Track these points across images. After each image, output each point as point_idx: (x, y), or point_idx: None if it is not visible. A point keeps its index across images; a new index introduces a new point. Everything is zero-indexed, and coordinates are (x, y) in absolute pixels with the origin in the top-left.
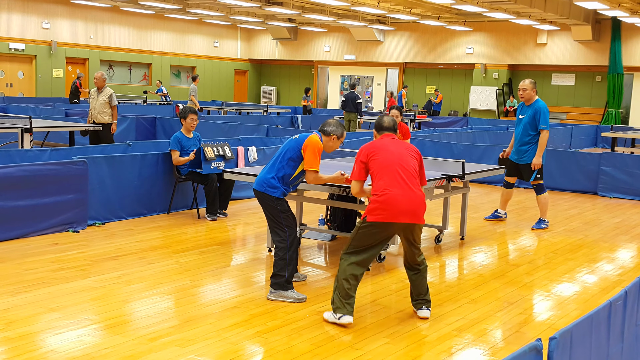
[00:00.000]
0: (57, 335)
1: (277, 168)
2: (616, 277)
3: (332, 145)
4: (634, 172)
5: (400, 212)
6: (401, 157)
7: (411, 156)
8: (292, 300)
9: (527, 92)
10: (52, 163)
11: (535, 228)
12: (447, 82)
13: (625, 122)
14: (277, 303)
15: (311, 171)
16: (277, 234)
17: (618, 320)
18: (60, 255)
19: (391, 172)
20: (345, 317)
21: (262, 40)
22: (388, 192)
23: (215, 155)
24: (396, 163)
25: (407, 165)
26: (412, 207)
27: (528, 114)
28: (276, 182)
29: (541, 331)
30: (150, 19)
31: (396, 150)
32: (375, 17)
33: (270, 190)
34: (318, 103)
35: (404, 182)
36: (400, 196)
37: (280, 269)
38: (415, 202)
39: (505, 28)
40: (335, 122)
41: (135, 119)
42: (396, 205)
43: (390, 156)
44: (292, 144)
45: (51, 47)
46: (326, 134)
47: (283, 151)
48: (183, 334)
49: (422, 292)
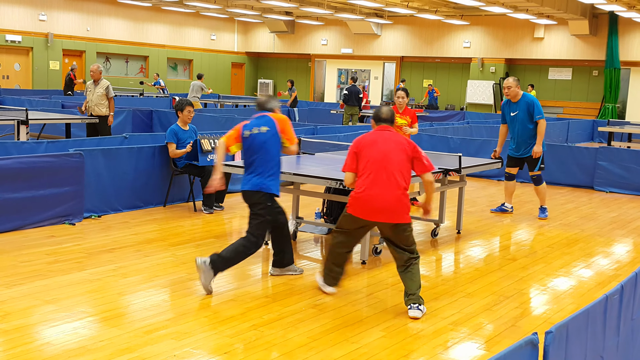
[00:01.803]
0: (52, 327)
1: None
2: (612, 272)
3: None
4: (630, 166)
5: (373, 212)
6: (387, 155)
7: (400, 152)
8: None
9: (512, 89)
10: (48, 155)
11: (542, 217)
12: (444, 76)
13: (622, 117)
14: (273, 296)
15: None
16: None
17: (614, 314)
18: (56, 248)
19: (373, 171)
20: (328, 287)
21: (259, 33)
22: (365, 191)
23: (212, 147)
24: (380, 162)
25: (392, 164)
26: (386, 207)
27: (521, 110)
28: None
29: (537, 325)
30: (147, 11)
31: (384, 147)
32: (372, 10)
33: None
34: (315, 96)
35: (383, 182)
36: (377, 196)
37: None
38: (390, 202)
39: (503, 22)
40: (267, 97)
41: (132, 112)
42: (371, 205)
43: (377, 154)
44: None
45: (48, 39)
46: (272, 111)
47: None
48: (179, 326)
49: (410, 290)
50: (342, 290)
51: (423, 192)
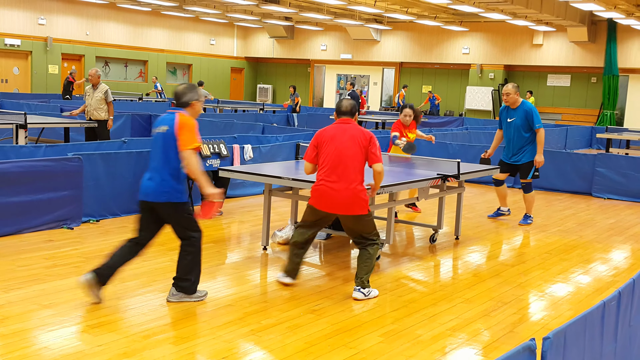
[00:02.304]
0: (50, 332)
1: (167, 166)
2: (610, 278)
3: (198, 110)
4: (628, 173)
5: (331, 204)
6: (343, 150)
7: (355, 146)
8: (196, 299)
9: (511, 96)
10: (47, 159)
11: (522, 223)
12: (443, 82)
13: (620, 124)
14: (271, 301)
15: (190, 150)
16: (186, 240)
17: (611, 320)
18: (54, 252)
19: (330, 165)
20: (286, 278)
21: (259, 39)
22: (323, 184)
23: (211, 152)
24: (337, 156)
25: (347, 158)
26: (342, 200)
27: (519, 117)
28: (178, 183)
29: (535, 331)
30: (147, 15)
31: (341, 141)
32: (371, 16)
33: (177, 196)
34: (314, 102)
35: (339, 176)
36: (333, 189)
37: (188, 272)
38: (346, 195)
39: (502, 29)
40: (184, 88)
41: (131, 116)
42: (327, 197)
43: (334, 150)
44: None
45: (47, 43)
46: (186, 105)
47: (160, 146)
48: (177, 331)
49: (358, 274)
50: (340, 295)
51: (422, 197)
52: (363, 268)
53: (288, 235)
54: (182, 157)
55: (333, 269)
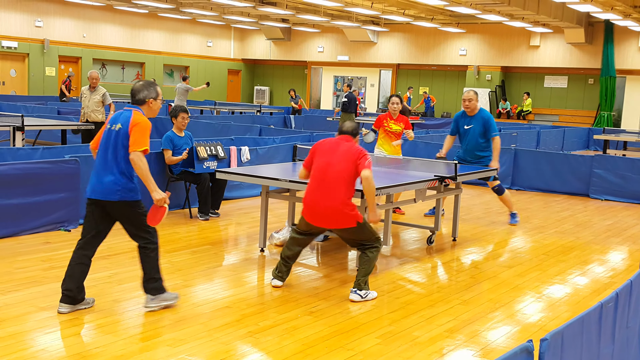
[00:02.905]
0: (47, 334)
1: (118, 164)
2: (607, 279)
3: (155, 109)
4: (625, 174)
5: (317, 217)
6: (332, 165)
7: (346, 161)
8: (173, 301)
9: (472, 102)
10: (44, 161)
11: (513, 223)
12: (440, 83)
13: (617, 125)
14: (269, 303)
15: (139, 152)
16: (143, 238)
17: (609, 322)
18: (51, 254)
19: (318, 179)
20: (275, 280)
21: (256, 40)
22: (309, 197)
23: (208, 154)
24: (324, 171)
25: (334, 173)
26: (328, 215)
27: (477, 124)
28: (131, 182)
29: (532, 332)
30: (144, 18)
31: (332, 157)
32: (368, 18)
33: (131, 195)
34: (311, 103)
35: (322, 192)
36: (318, 203)
37: (155, 271)
38: (330, 210)
39: (499, 30)
40: (140, 85)
41: None
42: (313, 212)
43: (324, 164)
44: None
45: (44, 45)
46: (142, 103)
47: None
48: (174, 333)
49: (357, 276)
50: (338, 297)
51: (419, 199)
52: (361, 270)
53: (285, 237)
54: (130, 158)
55: (330, 271)
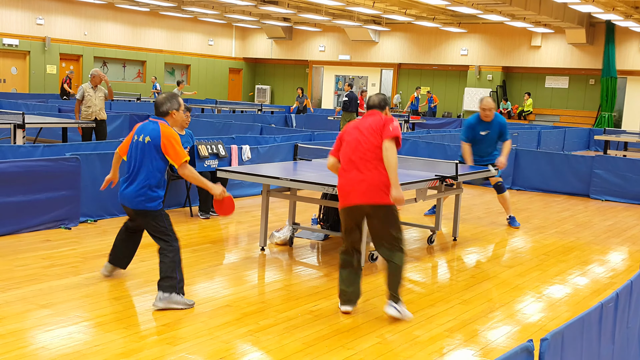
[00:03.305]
0: (47, 332)
1: (145, 176)
2: (607, 280)
3: (178, 119)
4: (626, 175)
5: (350, 196)
6: (360, 138)
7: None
8: (183, 306)
9: (492, 110)
10: (44, 159)
11: (516, 226)
12: (442, 83)
13: (618, 126)
14: (269, 302)
15: (184, 163)
16: (163, 240)
17: (609, 322)
18: (51, 252)
19: (348, 156)
20: (343, 306)
21: (257, 39)
22: (341, 177)
23: (209, 153)
24: (354, 146)
25: (363, 145)
26: (359, 189)
27: (493, 130)
28: (152, 192)
29: (532, 332)
30: (145, 16)
31: (360, 132)
32: (370, 17)
33: (153, 205)
34: (312, 103)
35: (354, 165)
36: (349, 181)
37: (171, 271)
38: (362, 184)
39: (500, 30)
40: (163, 98)
41: (129, 116)
42: (346, 190)
43: (352, 139)
44: (151, 145)
45: (45, 43)
46: (165, 115)
47: (138, 155)
48: (174, 331)
49: (389, 286)
50: None
51: (420, 198)
52: (394, 281)
53: (286, 236)
54: (182, 173)
55: (331, 270)
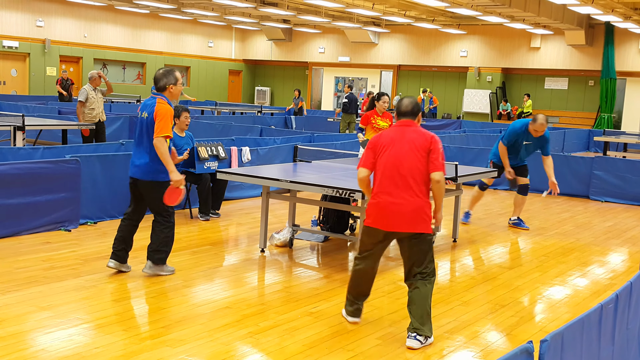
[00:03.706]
0: (47, 334)
1: (147, 148)
2: (607, 281)
3: (176, 93)
4: (625, 176)
5: (389, 221)
6: (401, 157)
7: (415, 152)
8: (168, 273)
9: (544, 127)
10: (44, 161)
11: (525, 228)
12: (441, 84)
13: (618, 127)
14: (269, 303)
15: (161, 137)
16: (162, 215)
17: (609, 323)
18: (51, 254)
19: (388, 175)
20: (351, 317)
21: (257, 41)
22: (379, 198)
23: (209, 155)
24: (394, 165)
25: (406, 166)
26: (402, 216)
27: (536, 143)
28: (157, 163)
29: (532, 334)
30: (145, 18)
31: (400, 148)
32: (369, 19)
33: (158, 176)
34: (312, 104)
35: (397, 187)
36: (391, 204)
37: (164, 245)
38: (406, 210)
39: (499, 32)
40: (160, 74)
41: (129, 118)
42: (385, 213)
43: (391, 157)
44: (148, 120)
45: (45, 45)
46: (163, 90)
47: (143, 130)
48: (174, 334)
49: (413, 316)
50: (338, 298)
51: None
52: (418, 310)
53: (286, 237)
54: (154, 143)
55: (331, 272)
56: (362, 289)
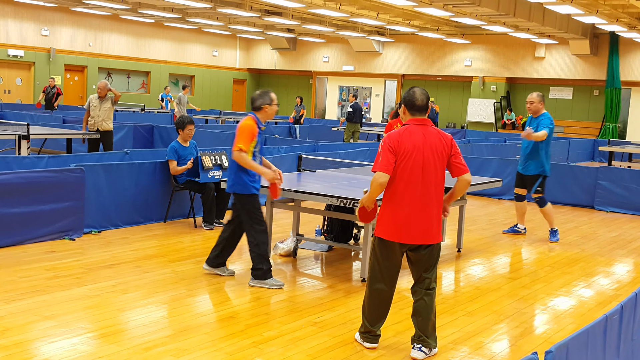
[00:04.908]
0: (51, 343)
1: (232, 162)
2: (612, 292)
3: (271, 113)
4: (630, 186)
5: (406, 233)
6: (427, 167)
7: (437, 159)
8: (271, 287)
9: (534, 104)
10: (49, 170)
11: (553, 240)
12: (445, 94)
13: (623, 137)
14: (273, 313)
15: (237, 150)
16: (249, 226)
17: (614, 334)
18: (55, 263)
19: (411, 184)
20: (368, 344)
21: (261, 50)
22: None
23: (213, 164)
24: (418, 174)
25: (429, 175)
26: (419, 228)
27: (534, 127)
28: (240, 177)
29: (537, 345)
30: (150, 27)
31: (425, 156)
32: (374, 28)
33: (241, 189)
34: (316, 113)
35: (418, 198)
36: (410, 215)
37: (258, 262)
38: (423, 221)
39: (504, 41)
40: (258, 93)
41: (133, 127)
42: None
43: (416, 165)
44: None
45: (50, 54)
46: (258, 109)
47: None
48: (178, 343)
49: (420, 327)
50: (342, 307)
51: None
52: (423, 321)
53: (290, 247)
54: (233, 157)
55: (334, 281)
56: (382, 310)
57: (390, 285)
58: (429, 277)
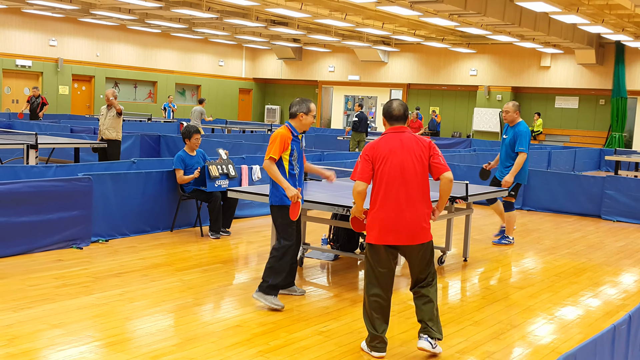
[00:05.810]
0: (59, 352)
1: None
2: (620, 301)
3: (306, 123)
4: (637, 195)
5: (393, 235)
6: (404, 168)
7: (416, 161)
8: (270, 304)
9: (509, 114)
10: (57, 179)
11: (496, 242)
12: (451, 103)
13: (629, 146)
14: (279, 322)
15: (268, 159)
16: (277, 239)
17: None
18: (63, 272)
19: (391, 187)
20: (375, 352)
21: (267, 60)
22: (382, 212)
23: (219, 173)
24: (396, 176)
25: (409, 177)
26: (405, 229)
27: (510, 136)
28: (274, 188)
29: (544, 355)
30: (156, 37)
31: (403, 158)
32: (379, 38)
33: (273, 200)
34: (322, 123)
35: (401, 200)
36: (395, 217)
37: (267, 275)
38: (408, 223)
39: (509, 51)
40: (297, 101)
41: (140, 137)
42: (389, 227)
43: (393, 168)
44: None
45: (58, 64)
46: (294, 117)
47: None
48: (185, 352)
49: (424, 318)
50: (348, 317)
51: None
52: (427, 314)
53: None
54: (263, 165)
55: (341, 290)
56: (382, 315)
57: (387, 290)
58: (424, 276)
